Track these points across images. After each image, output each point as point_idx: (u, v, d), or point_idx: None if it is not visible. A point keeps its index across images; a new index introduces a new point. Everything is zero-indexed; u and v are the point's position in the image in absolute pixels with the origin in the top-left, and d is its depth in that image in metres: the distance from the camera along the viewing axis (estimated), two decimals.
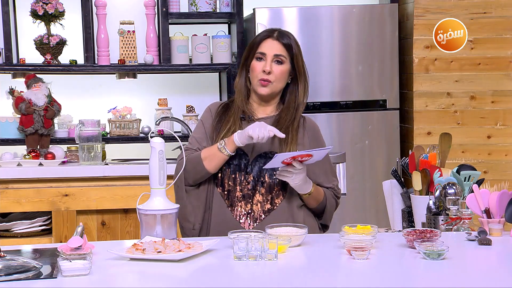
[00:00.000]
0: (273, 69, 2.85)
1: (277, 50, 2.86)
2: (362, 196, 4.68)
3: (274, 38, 2.88)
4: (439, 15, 4.58)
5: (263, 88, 2.86)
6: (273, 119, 2.90)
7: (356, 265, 2.28)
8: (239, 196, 2.84)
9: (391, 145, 4.71)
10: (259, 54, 2.87)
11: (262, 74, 2.85)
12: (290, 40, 2.89)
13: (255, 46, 2.88)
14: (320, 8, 4.63)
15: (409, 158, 3.04)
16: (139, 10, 4.73)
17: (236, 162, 2.85)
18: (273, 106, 2.94)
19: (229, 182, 2.86)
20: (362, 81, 4.68)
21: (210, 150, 2.83)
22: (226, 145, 2.79)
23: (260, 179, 2.84)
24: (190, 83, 5.01)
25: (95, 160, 4.32)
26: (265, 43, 2.87)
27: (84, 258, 2.20)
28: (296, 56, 2.89)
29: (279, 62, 2.87)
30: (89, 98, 4.86)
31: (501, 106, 4.72)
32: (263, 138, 2.72)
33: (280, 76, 2.86)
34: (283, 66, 2.87)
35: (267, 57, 2.85)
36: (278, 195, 2.85)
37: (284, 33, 2.91)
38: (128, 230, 4.22)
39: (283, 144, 2.84)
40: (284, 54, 2.87)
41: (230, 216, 2.84)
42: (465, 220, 2.71)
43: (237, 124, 2.87)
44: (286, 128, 2.86)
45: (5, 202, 4.10)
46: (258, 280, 2.19)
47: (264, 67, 2.85)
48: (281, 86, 2.90)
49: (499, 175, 4.65)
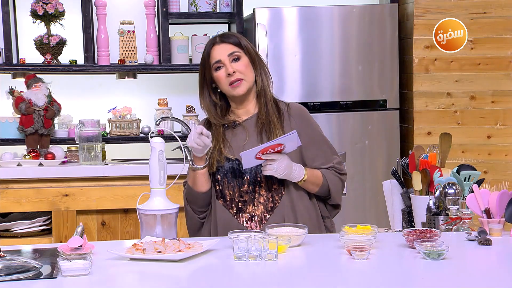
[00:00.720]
0: (235, 68, 2.84)
1: (228, 50, 2.85)
2: (362, 196, 4.68)
3: (218, 43, 2.87)
4: (439, 15, 4.58)
5: (237, 88, 2.85)
6: (255, 116, 2.90)
7: (356, 265, 2.28)
8: (241, 202, 2.84)
9: (391, 145, 4.71)
10: (215, 63, 2.86)
11: (229, 77, 2.83)
12: (233, 36, 2.89)
13: (207, 59, 2.87)
14: (320, 8, 4.63)
15: (409, 158, 3.04)
16: (139, 10, 4.73)
17: (230, 170, 2.85)
18: (252, 103, 2.92)
19: (229, 191, 2.86)
20: (362, 81, 4.68)
21: (190, 175, 2.85)
22: (195, 163, 2.81)
23: (256, 180, 2.84)
24: (190, 83, 5.00)
25: (95, 160, 4.32)
26: (214, 50, 2.86)
27: (84, 258, 2.20)
28: (246, 47, 2.87)
29: (236, 59, 2.85)
30: (89, 98, 4.86)
31: (501, 106, 4.72)
32: (198, 144, 2.70)
33: (245, 69, 2.85)
34: (242, 60, 2.85)
35: (224, 62, 2.84)
36: (278, 191, 2.85)
37: (225, 33, 2.93)
38: (128, 230, 4.22)
39: (269, 136, 2.83)
40: (236, 50, 2.86)
41: (236, 223, 2.84)
42: (465, 220, 2.71)
43: (220, 141, 2.87)
44: (266, 117, 2.85)
45: (5, 202, 4.10)
46: (258, 280, 2.19)
47: (227, 71, 2.83)
48: (252, 79, 2.88)
49: (499, 175, 4.65)
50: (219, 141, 2.87)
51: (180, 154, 4.45)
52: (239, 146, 2.86)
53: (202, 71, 2.90)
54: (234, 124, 2.90)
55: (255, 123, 2.88)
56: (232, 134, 2.89)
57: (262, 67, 2.91)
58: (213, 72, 2.87)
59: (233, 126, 2.90)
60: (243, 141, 2.87)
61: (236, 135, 2.87)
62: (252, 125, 2.89)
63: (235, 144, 2.87)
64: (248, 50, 2.88)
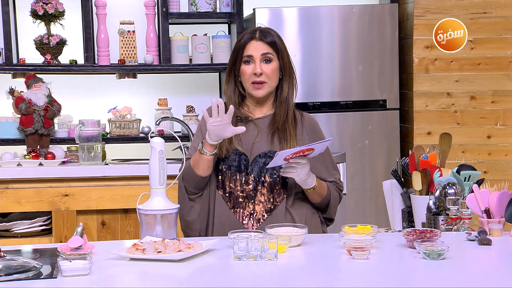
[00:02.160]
0: (263, 69, 2.83)
1: (263, 49, 2.84)
2: (362, 196, 4.68)
3: (257, 39, 2.85)
4: (439, 15, 4.58)
5: (258, 90, 2.85)
6: (269, 118, 2.90)
7: (356, 265, 2.28)
8: (241, 197, 2.84)
9: (391, 145, 4.71)
10: (246, 57, 2.84)
11: (254, 77, 2.83)
12: (273, 37, 2.87)
13: (241, 50, 2.86)
14: (320, 8, 4.63)
15: (409, 158, 3.04)
16: (139, 10, 4.73)
17: (235, 163, 2.85)
18: (269, 104, 2.92)
19: (230, 184, 2.85)
20: (362, 81, 4.68)
21: (196, 156, 2.83)
22: (204, 147, 2.78)
23: (260, 179, 2.84)
24: (190, 83, 5.01)
25: (95, 160, 4.32)
26: (250, 45, 2.85)
27: (84, 258, 2.20)
28: (281, 52, 2.87)
29: (267, 60, 2.84)
30: (89, 98, 4.86)
31: (501, 106, 4.72)
32: (218, 113, 2.67)
33: (272, 75, 2.85)
34: (272, 64, 2.85)
35: (255, 59, 2.83)
36: (280, 193, 2.85)
37: (266, 31, 2.89)
38: (128, 230, 4.22)
39: (282, 142, 2.84)
40: (271, 52, 2.85)
41: (233, 218, 2.84)
42: (465, 220, 2.71)
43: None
44: (282, 124, 2.86)
45: (5, 202, 4.10)
46: (258, 280, 2.19)
47: (254, 70, 2.82)
48: (275, 84, 2.88)
49: (499, 175, 4.65)
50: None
51: (180, 154, 4.45)
52: (249, 141, 2.86)
53: (233, 58, 2.89)
54: (247, 119, 2.90)
55: (268, 124, 2.87)
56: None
57: (290, 75, 2.90)
58: (242, 64, 2.86)
59: (245, 121, 2.89)
60: (253, 138, 2.86)
61: (247, 130, 2.85)
62: (265, 125, 2.88)
63: (245, 139, 2.86)
64: (282, 56, 2.87)
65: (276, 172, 2.84)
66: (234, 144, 2.85)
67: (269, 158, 2.81)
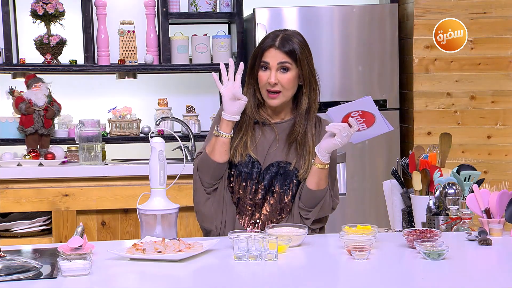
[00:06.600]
0: (279, 79, 2.77)
1: (280, 58, 2.77)
2: (362, 196, 4.68)
3: (276, 48, 2.78)
4: (439, 15, 4.58)
5: (272, 100, 2.79)
6: (287, 123, 2.86)
7: (356, 265, 2.28)
8: (249, 205, 2.84)
9: (391, 145, 4.71)
10: (263, 63, 2.79)
11: (268, 85, 2.78)
12: (293, 44, 2.79)
13: (259, 55, 2.81)
14: (320, 8, 4.63)
15: (409, 158, 3.04)
16: (139, 10, 4.73)
17: (248, 170, 2.82)
18: (287, 110, 2.87)
19: (239, 190, 2.84)
20: (362, 81, 4.68)
21: (212, 141, 2.80)
22: (220, 128, 2.76)
23: (271, 189, 2.82)
24: (190, 83, 5.01)
25: (95, 160, 4.32)
26: (268, 52, 2.78)
27: (84, 258, 2.20)
28: (301, 60, 2.79)
29: (284, 69, 2.78)
30: (89, 98, 4.86)
31: (501, 106, 4.72)
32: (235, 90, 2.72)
33: (288, 85, 2.78)
34: (290, 73, 2.78)
35: (271, 67, 2.78)
36: (288, 205, 2.83)
37: (288, 38, 2.81)
38: (128, 230, 4.22)
39: (301, 159, 2.80)
40: (289, 61, 2.78)
41: (237, 224, 2.84)
42: (465, 220, 2.71)
43: (249, 133, 2.82)
44: (303, 133, 2.82)
45: (5, 202, 4.10)
46: (258, 280, 2.19)
47: (269, 79, 2.77)
48: (291, 94, 2.82)
49: (499, 175, 4.65)
50: (248, 134, 2.83)
51: (180, 154, 4.45)
52: (264, 148, 2.83)
53: (252, 62, 2.83)
54: (264, 123, 2.86)
55: (285, 130, 2.83)
56: (261, 132, 2.85)
57: (312, 86, 2.83)
58: (259, 69, 2.81)
59: (264, 124, 2.86)
60: (268, 144, 2.83)
61: (264, 134, 2.83)
62: (282, 131, 2.85)
63: (261, 146, 2.83)
64: (302, 65, 2.79)
65: (287, 184, 2.82)
66: (249, 150, 2.82)
67: (281, 168, 2.80)
